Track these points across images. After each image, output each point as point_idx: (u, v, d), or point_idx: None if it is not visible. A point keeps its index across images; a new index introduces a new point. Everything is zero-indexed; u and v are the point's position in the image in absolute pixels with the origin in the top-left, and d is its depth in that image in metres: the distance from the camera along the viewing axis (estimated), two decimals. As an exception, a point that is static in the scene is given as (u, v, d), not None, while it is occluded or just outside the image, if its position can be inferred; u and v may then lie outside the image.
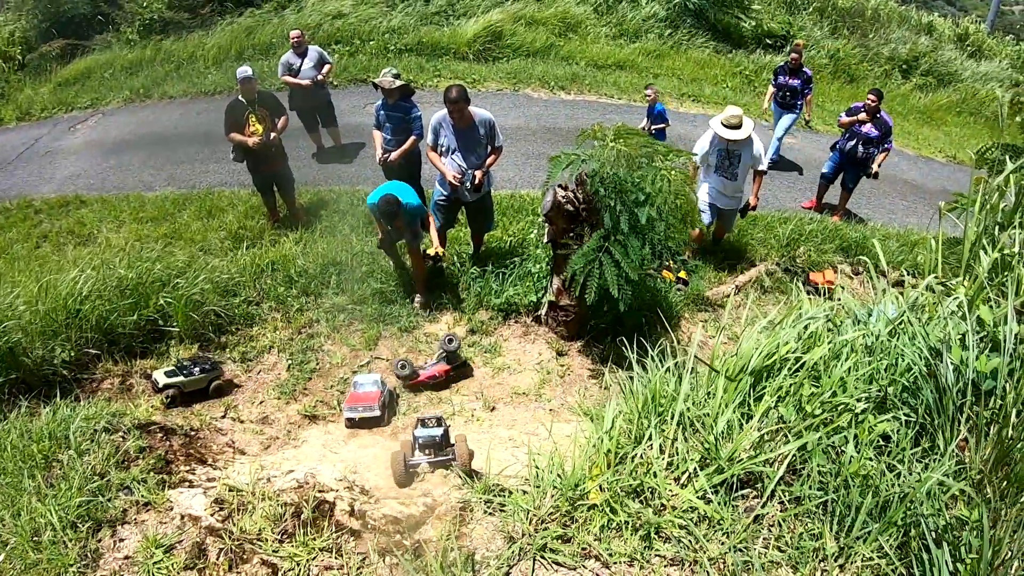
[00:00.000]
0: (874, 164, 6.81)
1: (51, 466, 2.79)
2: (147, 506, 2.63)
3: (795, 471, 2.35)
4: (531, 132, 8.74)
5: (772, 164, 8.30)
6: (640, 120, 7.66)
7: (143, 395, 4.25)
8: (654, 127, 7.38)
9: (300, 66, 7.35)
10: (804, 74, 7.95)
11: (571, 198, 4.32)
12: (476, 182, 4.97)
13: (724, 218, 5.96)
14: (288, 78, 7.38)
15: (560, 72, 10.49)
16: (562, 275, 4.51)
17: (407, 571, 2.21)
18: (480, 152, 5.01)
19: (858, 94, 10.26)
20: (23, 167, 8.55)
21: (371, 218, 5.65)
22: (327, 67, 7.60)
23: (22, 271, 5.45)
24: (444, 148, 5.00)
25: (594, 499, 2.26)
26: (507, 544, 2.23)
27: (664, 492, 2.27)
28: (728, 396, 2.57)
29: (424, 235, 5.14)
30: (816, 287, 5.57)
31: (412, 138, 5.81)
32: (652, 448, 2.43)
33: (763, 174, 5.84)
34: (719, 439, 2.37)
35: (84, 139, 9.17)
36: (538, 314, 5.09)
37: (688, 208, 4.41)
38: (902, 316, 3.01)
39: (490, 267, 5.43)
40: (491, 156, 5.09)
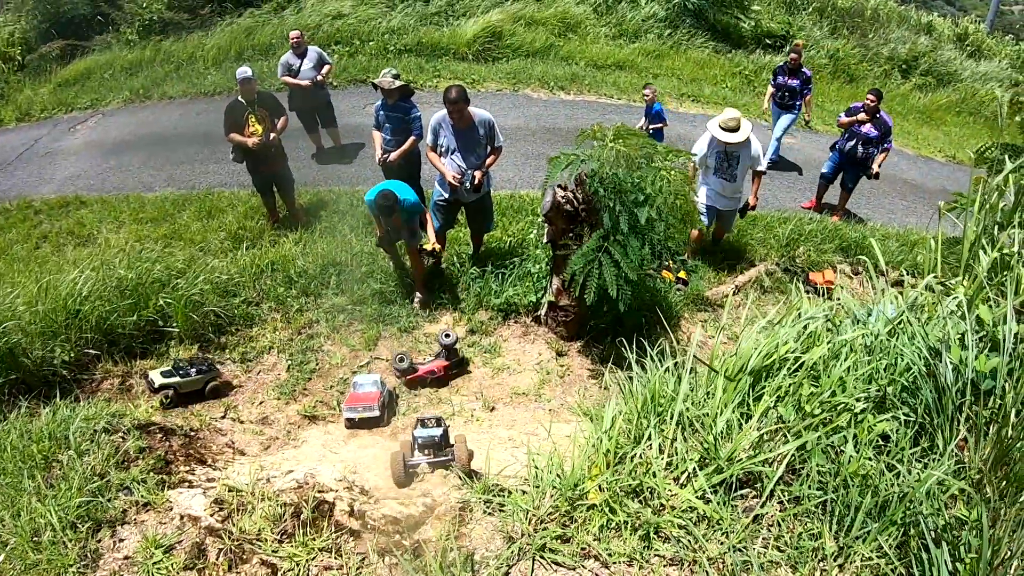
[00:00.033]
0: (874, 164, 6.81)
1: (51, 466, 2.79)
2: (147, 506, 2.63)
3: (794, 471, 2.35)
4: (531, 132, 8.74)
5: (772, 164, 8.31)
6: (639, 120, 7.67)
7: (143, 395, 4.26)
8: (652, 127, 7.38)
9: (299, 67, 7.36)
10: (803, 74, 7.94)
11: (570, 198, 4.32)
12: (476, 182, 4.98)
13: (723, 219, 5.96)
14: (288, 79, 7.39)
15: (560, 72, 10.49)
16: (562, 275, 4.51)
17: (406, 571, 2.22)
18: (480, 152, 5.02)
19: (858, 94, 10.26)
20: (23, 168, 8.55)
21: (370, 218, 5.65)
22: (326, 68, 7.60)
23: (22, 272, 5.46)
24: (444, 148, 5.01)
25: (593, 499, 2.26)
26: (506, 544, 2.23)
27: (663, 492, 2.27)
28: (727, 396, 2.57)
29: (422, 234, 5.14)
30: (816, 287, 5.58)
31: (412, 138, 5.81)
32: (651, 448, 2.43)
33: (762, 174, 5.84)
34: (718, 439, 2.37)
35: (84, 140, 9.17)
36: (538, 314, 5.10)
37: (688, 208, 4.41)
38: (901, 316, 3.01)
39: (490, 267, 5.43)
40: (491, 156, 5.09)
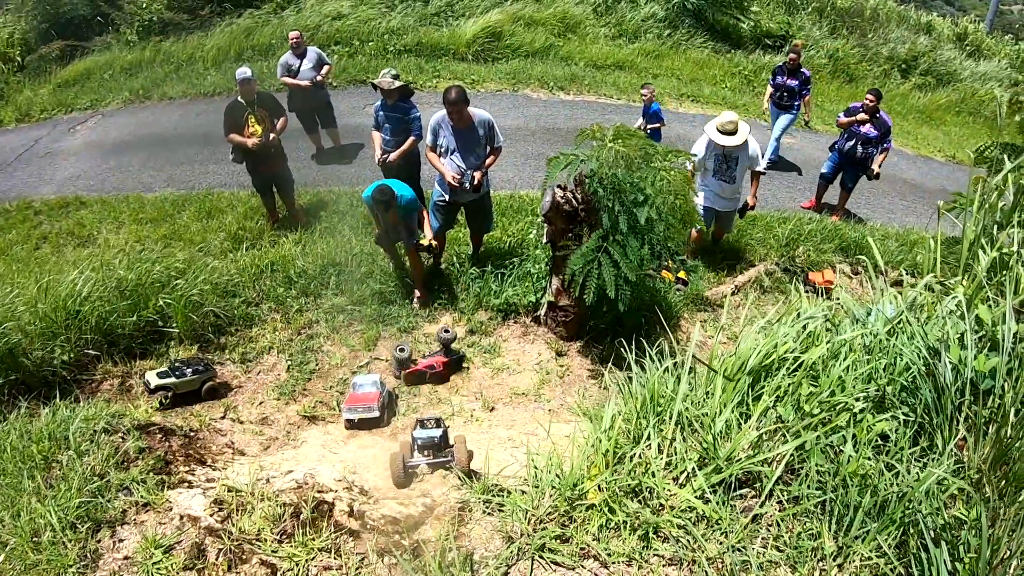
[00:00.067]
0: (874, 164, 6.81)
1: (51, 467, 2.79)
2: (146, 507, 2.64)
3: (793, 471, 2.35)
4: (530, 132, 8.75)
5: (771, 164, 8.31)
6: (637, 120, 7.67)
7: (142, 396, 4.26)
8: (649, 127, 7.38)
9: (299, 67, 7.36)
10: (802, 75, 7.94)
11: (569, 198, 4.32)
12: (475, 182, 4.98)
13: (722, 219, 5.96)
14: (287, 79, 7.39)
15: (559, 72, 10.49)
16: (561, 275, 4.51)
17: (406, 571, 2.22)
18: (479, 152, 5.02)
19: (857, 94, 10.26)
20: (23, 168, 8.56)
21: (370, 218, 5.65)
22: (326, 68, 7.60)
23: (22, 272, 5.46)
24: (443, 149, 5.01)
25: (592, 499, 2.26)
26: (506, 544, 2.23)
27: (662, 492, 2.27)
28: (726, 396, 2.57)
29: (420, 232, 5.15)
30: (815, 287, 5.57)
31: (411, 139, 5.81)
32: (650, 448, 2.43)
33: (761, 175, 5.84)
34: (717, 439, 2.37)
35: (84, 140, 9.18)
36: (537, 314, 5.10)
37: (687, 208, 4.41)
38: (900, 315, 3.01)
39: (489, 267, 5.43)
40: (490, 156, 5.10)
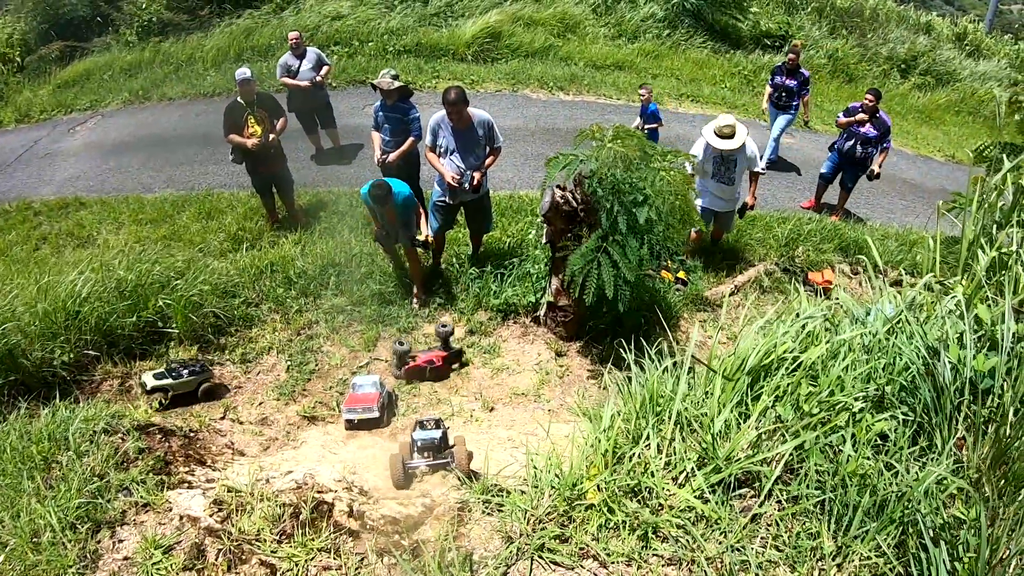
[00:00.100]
0: (874, 164, 6.81)
1: (50, 467, 2.79)
2: (146, 507, 2.64)
3: (792, 470, 2.35)
4: (530, 133, 8.75)
5: (770, 164, 8.31)
6: (635, 120, 7.66)
7: (142, 396, 4.25)
8: (647, 127, 7.38)
9: (299, 68, 7.36)
10: (801, 75, 7.93)
11: (569, 199, 4.32)
12: (474, 183, 4.98)
13: (722, 220, 5.96)
14: (287, 80, 7.39)
15: (559, 73, 10.49)
16: (561, 276, 4.51)
17: (405, 571, 2.22)
18: (479, 153, 5.02)
19: (856, 94, 10.27)
20: (22, 169, 8.56)
21: (369, 218, 5.65)
22: (325, 68, 7.61)
23: (21, 273, 5.45)
24: (443, 149, 5.01)
25: (592, 499, 2.26)
26: (505, 544, 2.24)
27: (661, 492, 2.27)
28: (726, 396, 2.57)
29: (417, 230, 5.15)
30: (815, 287, 5.58)
31: (410, 139, 5.81)
32: (650, 448, 2.43)
33: (760, 175, 5.83)
34: (716, 439, 2.38)
35: (83, 141, 9.18)
36: (537, 315, 5.10)
37: (687, 208, 4.41)
38: (900, 315, 3.01)
39: (489, 268, 5.44)
40: (490, 157, 5.10)
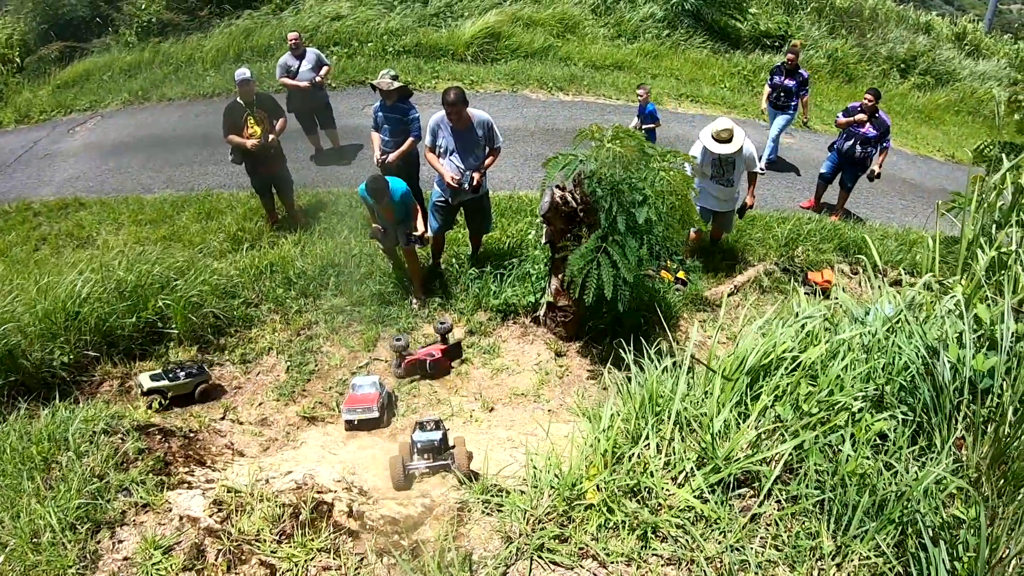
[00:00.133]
0: (874, 165, 6.80)
1: (50, 468, 2.79)
2: (146, 507, 2.64)
3: (792, 470, 2.35)
4: (529, 133, 8.75)
5: (770, 164, 8.31)
6: (632, 120, 7.66)
7: (141, 397, 4.25)
8: (644, 127, 7.38)
9: (298, 68, 7.36)
10: (800, 75, 7.92)
11: (568, 199, 4.32)
12: (474, 183, 4.98)
13: (721, 220, 5.96)
14: (286, 80, 7.39)
15: (558, 73, 10.49)
16: (560, 276, 4.51)
17: (405, 571, 2.22)
18: (478, 153, 5.02)
19: (856, 94, 10.27)
20: (22, 170, 8.56)
21: (368, 219, 5.64)
22: (325, 69, 7.61)
23: (21, 274, 5.45)
24: (442, 149, 5.01)
25: (591, 499, 2.26)
26: (504, 544, 2.24)
27: (661, 492, 2.27)
28: (725, 395, 2.57)
29: (413, 227, 5.15)
30: (815, 287, 5.58)
31: (410, 140, 5.80)
32: (649, 448, 2.43)
33: (760, 174, 5.83)
34: (716, 438, 2.37)
35: (83, 141, 9.18)
36: (536, 315, 5.10)
37: (686, 208, 4.41)
38: (899, 315, 3.01)
39: (488, 268, 5.44)
40: (489, 157, 5.10)
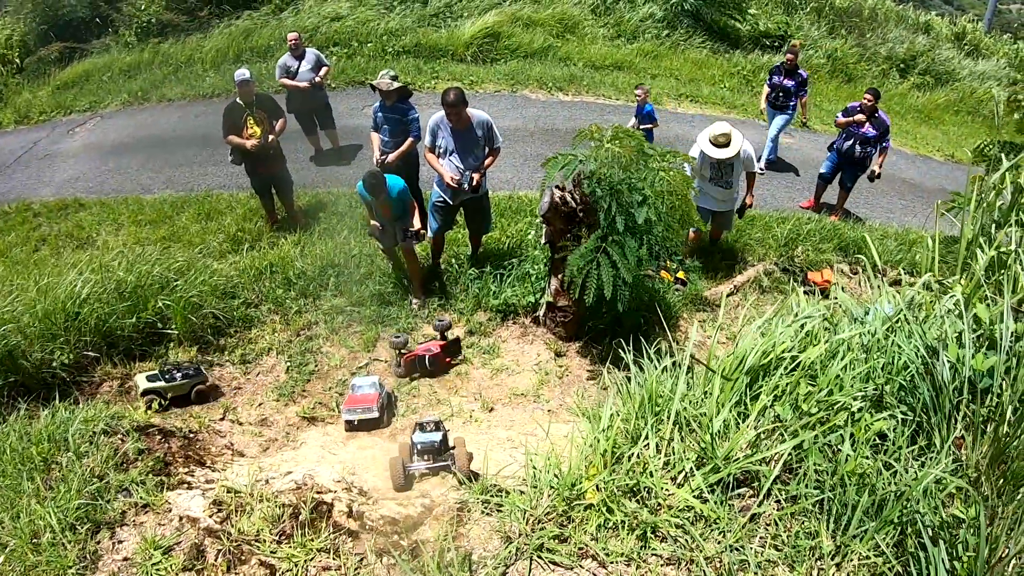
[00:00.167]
0: (874, 165, 6.80)
1: (50, 468, 2.79)
2: (146, 508, 2.64)
3: (791, 470, 2.35)
4: (529, 133, 8.75)
5: (769, 164, 8.31)
6: (630, 120, 7.65)
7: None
8: (642, 127, 7.37)
9: (298, 68, 7.37)
10: (799, 76, 7.90)
11: (568, 199, 4.32)
12: (474, 183, 4.99)
13: (720, 219, 5.95)
14: (286, 80, 7.40)
15: (558, 73, 10.50)
16: (560, 276, 4.51)
17: (404, 571, 2.22)
18: (478, 153, 5.02)
19: (855, 93, 10.27)
20: (22, 170, 8.56)
21: (367, 217, 5.64)
22: (324, 69, 7.61)
23: (21, 274, 5.45)
24: (442, 150, 5.01)
25: (591, 499, 2.26)
26: (504, 544, 2.24)
27: (660, 491, 2.27)
28: (724, 395, 2.58)
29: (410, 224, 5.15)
30: (815, 287, 5.58)
31: (409, 140, 5.81)
32: (648, 448, 2.43)
33: (760, 174, 5.83)
34: (715, 438, 2.38)
35: (82, 142, 9.18)
36: (536, 315, 5.10)
37: (686, 209, 4.41)
38: (899, 314, 3.01)
39: (488, 268, 5.44)
40: (489, 157, 5.10)
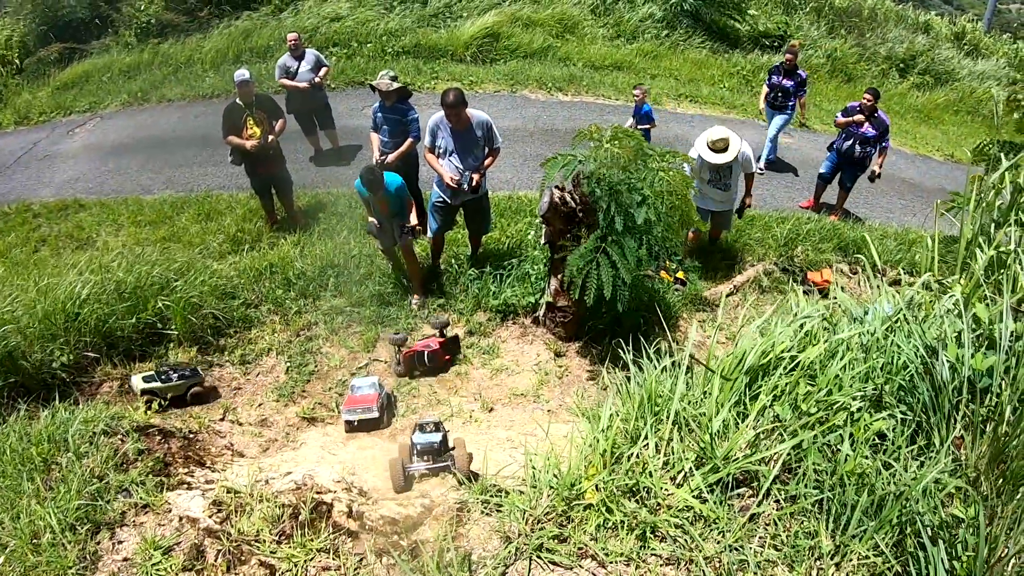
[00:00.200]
0: (874, 165, 6.79)
1: (50, 469, 2.79)
2: (146, 508, 2.64)
3: (790, 470, 2.35)
4: (528, 134, 8.75)
5: (769, 164, 8.30)
6: (628, 120, 7.65)
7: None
8: (639, 127, 7.37)
9: (297, 69, 7.37)
10: (798, 76, 7.89)
11: (567, 199, 4.32)
12: (473, 184, 4.99)
13: (719, 219, 5.95)
14: (285, 81, 7.40)
15: (557, 73, 10.50)
16: (560, 276, 4.51)
17: (404, 571, 2.22)
18: (478, 154, 5.02)
19: (855, 93, 10.26)
20: (21, 171, 8.56)
21: (365, 215, 5.63)
22: (324, 70, 7.61)
23: (21, 275, 5.46)
24: (441, 150, 5.01)
25: (590, 499, 2.26)
26: (503, 544, 2.24)
27: (660, 491, 2.27)
28: (724, 395, 2.58)
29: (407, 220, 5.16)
30: (815, 287, 5.58)
31: (409, 140, 5.81)
32: (648, 448, 2.43)
33: (759, 174, 5.83)
34: (715, 438, 2.38)
35: (82, 143, 9.19)
36: (536, 315, 5.10)
37: (686, 209, 4.41)
38: (898, 314, 3.01)
39: (488, 268, 5.44)
40: (488, 158, 5.10)
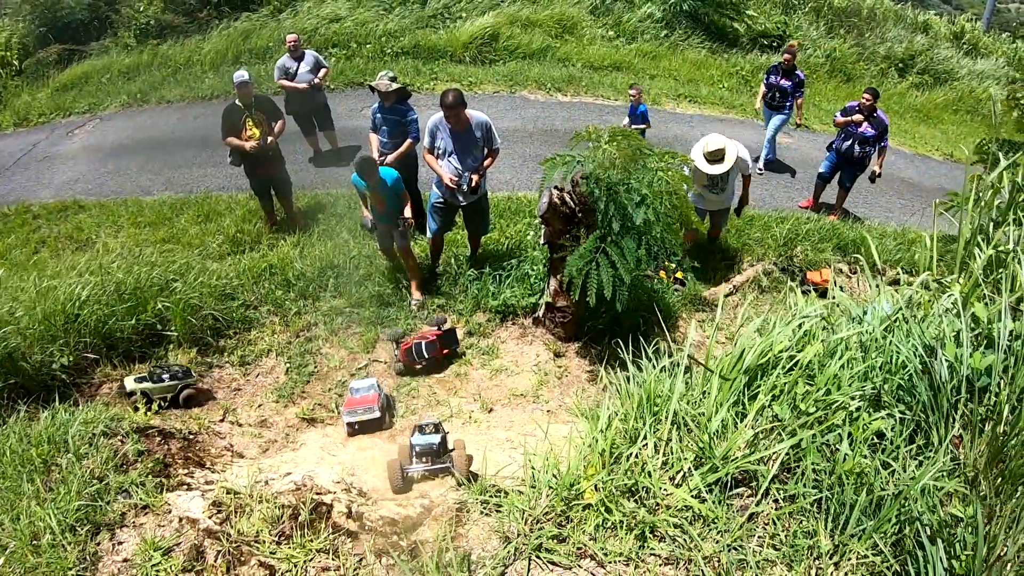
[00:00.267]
0: (874, 165, 6.79)
1: (50, 470, 2.79)
2: (145, 509, 2.64)
3: (789, 469, 2.35)
4: (528, 134, 8.76)
5: (768, 164, 8.30)
6: (623, 120, 7.65)
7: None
8: (634, 127, 7.37)
9: (296, 70, 7.37)
10: (796, 76, 7.86)
11: (567, 200, 4.32)
12: (472, 184, 4.99)
13: (716, 218, 5.96)
14: (284, 82, 7.40)
15: (556, 74, 10.50)
16: (559, 276, 4.52)
17: (403, 572, 2.22)
18: (477, 154, 5.03)
19: (854, 93, 10.26)
20: (21, 172, 8.57)
21: (361, 211, 5.62)
22: (323, 71, 7.62)
23: (21, 276, 5.46)
24: (441, 151, 5.02)
25: (589, 499, 2.27)
26: (503, 544, 2.24)
27: (659, 491, 2.27)
28: (722, 395, 2.58)
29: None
30: (814, 287, 5.58)
31: (408, 141, 5.81)
32: (647, 447, 2.43)
33: (759, 174, 5.84)
34: (713, 438, 2.38)
35: (82, 144, 9.20)
36: (535, 316, 5.10)
37: (685, 209, 4.41)
38: (897, 314, 3.02)
39: (487, 269, 5.44)
40: (488, 158, 5.11)
